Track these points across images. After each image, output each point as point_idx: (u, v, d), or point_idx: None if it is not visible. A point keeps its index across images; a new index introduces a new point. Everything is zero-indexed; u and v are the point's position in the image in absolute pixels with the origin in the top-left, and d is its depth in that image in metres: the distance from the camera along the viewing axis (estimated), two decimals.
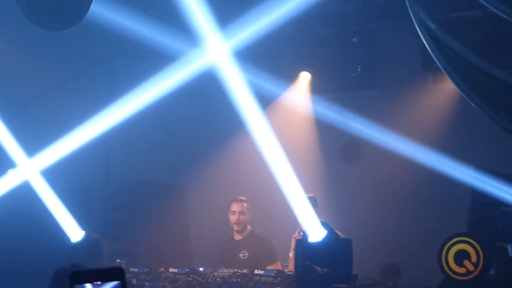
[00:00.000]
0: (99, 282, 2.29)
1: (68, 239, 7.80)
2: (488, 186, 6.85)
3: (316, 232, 6.26)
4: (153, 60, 8.47)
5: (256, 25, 8.33)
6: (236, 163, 9.15)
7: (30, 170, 8.33)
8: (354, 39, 9.15)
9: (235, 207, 7.65)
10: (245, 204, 7.63)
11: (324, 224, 6.32)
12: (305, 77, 9.49)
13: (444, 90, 8.51)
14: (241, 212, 7.60)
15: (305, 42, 9.45)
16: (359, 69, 9.08)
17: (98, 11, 6.53)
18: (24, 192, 8.25)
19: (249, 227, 7.65)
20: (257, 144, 7.62)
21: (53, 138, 8.56)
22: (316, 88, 9.41)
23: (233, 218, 7.64)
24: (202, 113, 9.44)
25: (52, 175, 8.35)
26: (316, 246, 6.14)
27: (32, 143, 8.48)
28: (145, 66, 8.62)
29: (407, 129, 8.49)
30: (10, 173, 8.36)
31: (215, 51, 8.05)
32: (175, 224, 9.18)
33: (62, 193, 8.24)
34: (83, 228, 7.87)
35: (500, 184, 6.74)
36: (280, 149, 7.48)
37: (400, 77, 9.11)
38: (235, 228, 7.66)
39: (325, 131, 9.13)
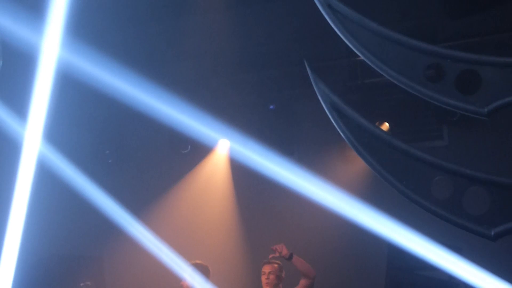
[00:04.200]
0: None
1: None
2: (402, 251, 6.90)
3: None
4: None
5: None
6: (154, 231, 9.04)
7: None
8: (271, 106, 9.25)
9: None
10: None
11: None
12: (224, 145, 9.52)
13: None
14: None
15: (223, 109, 9.50)
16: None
17: None
18: None
19: None
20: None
21: None
22: (235, 156, 9.44)
23: None
24: (119, 183, 9.33)
25: None
26: None
27: None
28: None
29: (326, 198, 8.53)
30: None
31: None
32: None
33: None
34: None
35: (414, 249, 6.79)
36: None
37: (317, 143, 9.23)
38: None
39: (244, 198, 9.13)
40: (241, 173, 9.32)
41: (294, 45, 9.36)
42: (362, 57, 4.99)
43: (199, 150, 9.35)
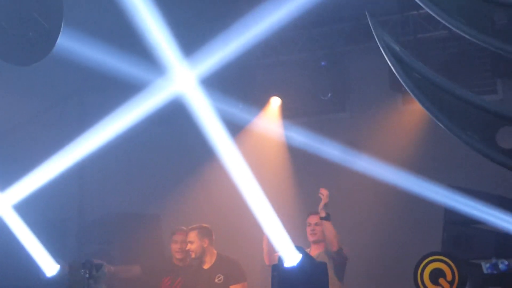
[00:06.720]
0: None
1: (43, 273, 7.70)
2: (460, 205, 6.89)
3: (291, 257, 6.24)
4: (123, 92, 8.44)
5: (223, 52, 8.37)
6: (209, 190, 9.15)
7: (2, 204, 8.23)
8: (323, 63, 9.24)
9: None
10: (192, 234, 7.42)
11: (299, 248, 6.30)
12: (275, 102, 9.55)
13: (414, 110, 8.60)
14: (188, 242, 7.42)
15: (275, 67, 9.54)
16: (329, 95, 9.16)
17: (65, 44, 6.47)
18: None
19: (214, 251, 7.41)
20: (229, 171, 7.59)
21: (25, 172, 8.47)
22: (287, 113, 9.48)
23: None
24: (174, 142, 9.45)
25: (25, 208, 8.23)
26: (291, 270, 6.11)
27: (3, 177, 8.39)
28: (115, 98, 8.56)
29: (379, 150, 8.56)
30: None
31: (182, 79, 8.07)
32: (152, 254, 9.10)
33: (35, 226, 8.13)
34: (58, 262, 7.78)
35: (471, 202, 6.78)
36: (251, 175, 7.45)
37: (370, 99, 9.22)
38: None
39: (297, 156, 9.14)
40: (293, 130, 9.33)
41: (345, 1, 9.30)
42: (427, 9, 4.92)
43: (251, 107, 9.37)
